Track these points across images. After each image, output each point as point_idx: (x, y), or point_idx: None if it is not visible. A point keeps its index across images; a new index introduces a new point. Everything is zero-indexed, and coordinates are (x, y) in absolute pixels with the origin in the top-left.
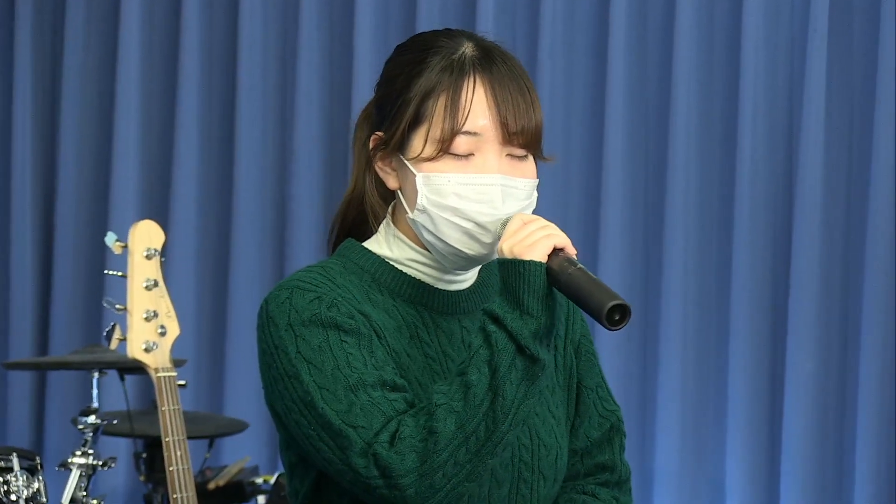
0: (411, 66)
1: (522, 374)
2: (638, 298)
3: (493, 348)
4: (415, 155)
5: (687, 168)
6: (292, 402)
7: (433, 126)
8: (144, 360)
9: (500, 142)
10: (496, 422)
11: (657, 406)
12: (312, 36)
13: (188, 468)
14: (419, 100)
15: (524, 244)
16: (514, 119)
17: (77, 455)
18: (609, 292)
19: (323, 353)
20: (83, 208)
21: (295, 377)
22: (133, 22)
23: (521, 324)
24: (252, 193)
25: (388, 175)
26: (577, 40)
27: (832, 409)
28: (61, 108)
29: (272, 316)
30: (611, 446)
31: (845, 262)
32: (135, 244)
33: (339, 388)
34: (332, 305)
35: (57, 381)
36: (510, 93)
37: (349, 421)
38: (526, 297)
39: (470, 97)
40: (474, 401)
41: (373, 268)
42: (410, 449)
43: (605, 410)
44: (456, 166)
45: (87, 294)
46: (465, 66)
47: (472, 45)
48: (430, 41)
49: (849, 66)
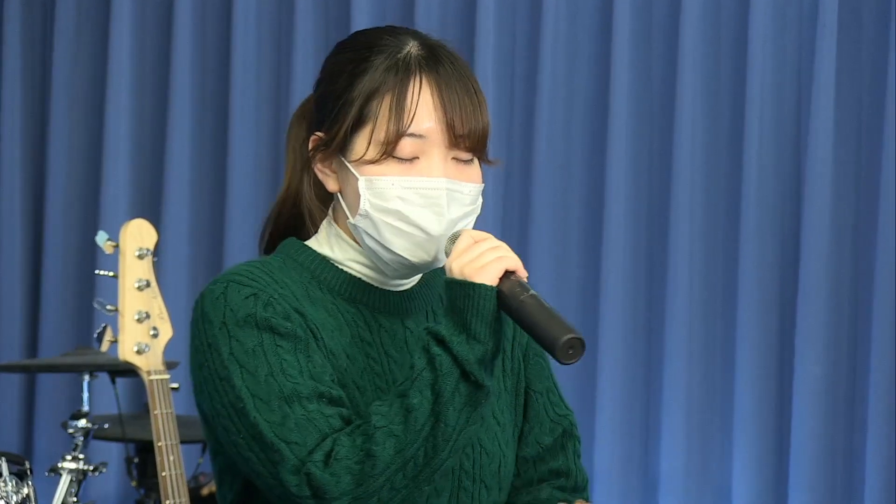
0: (354, 65)
1: (466, 399)
2: (642, 302)
3: (436, 372)
4: (357, 157)
5: (692, 169)
6: (222, 405)
7: (377, 128)
8: (136, 362)
9: (446, 145)
10: (436, 448)
11: (662, 410)
12: (308, 33)
13: (181, 473)
14: (363, 100)
15: (474, 266)
16: (461, 122)
17: (67, 460)
18: (563, 325)
19: (257, 357)
20: (73, 206)
21: (226, 380)
22: (125, 17)
23: (466, 349)
24: (246, 191)
25: (327, 177)
26: (580, 39)
27: (841, 414)
28: (51, 104)
29: (206, 312)
30: (564, 452)
31: (854, 265)
32: (126, 243)
33: (273, 398)
34: (269, 304)
35: (46, 385)
36: (457, 94)
37: (282, 435)
38: (474, 321)
39: (416, 98)
40: (415, 425)
41: (313, 265)
42: (346, 471)
43: (557, 415)
44: (400, 169)
45: (78, 295)
46: (411, 65)
47: (418, 43)
48: (373, 39)
49: (858, 64)
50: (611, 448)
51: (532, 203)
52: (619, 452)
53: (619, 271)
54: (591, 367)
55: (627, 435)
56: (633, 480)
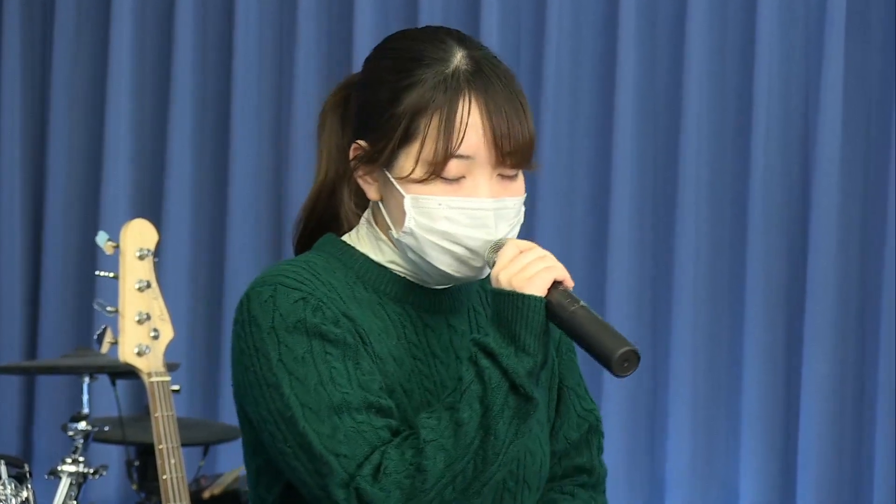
0: (398, 77)
1: (515, 412)
2: (648, 300)
3: (485, 385)
4: (403, 175)
5: (698, 167)
6: (269, 412)
7: (425, 147)
8: (137, 364)
9: (493, 164)
10: (486, 461)
11: (668, 409)
12: (310, 30)
13: (182, 476)
14: (410, 117)
15: (522, 276)
16: (509, 140)
17: (67, 463)
18: (618, 337)
19: (306, 364)
20: (73, 207)
21: (275, 387)
22: (125, 16)
23: (516, 361)
24: (248, 191)
25: (369, 186)
26: (585, 35)
27: (849, 413)
28: (51, 103)
29: (254, 315)
30: (589, 448)
31: (862, 262)
32: (127, 244)
33: (323, 408)
34: (318, 309)
35: (46, 386)
36: (505, 113)
37: (331, 447)
38: (523, 333)
39: (465, 118)
40: (465, 439)
41: (357, 265)
42: (396, 485)
43: (584, 410)
44: (447, 189)
45: (78, 296)
46: (460, 82)
47: (464, 55)
48: (417, 49)
49: (866, 60)
50: (616, 447)
51: (536, 201)
52: (625, 451)
53: (624, 269)
54: (596, 371)
55: (633, 434)
56: (639, 480)
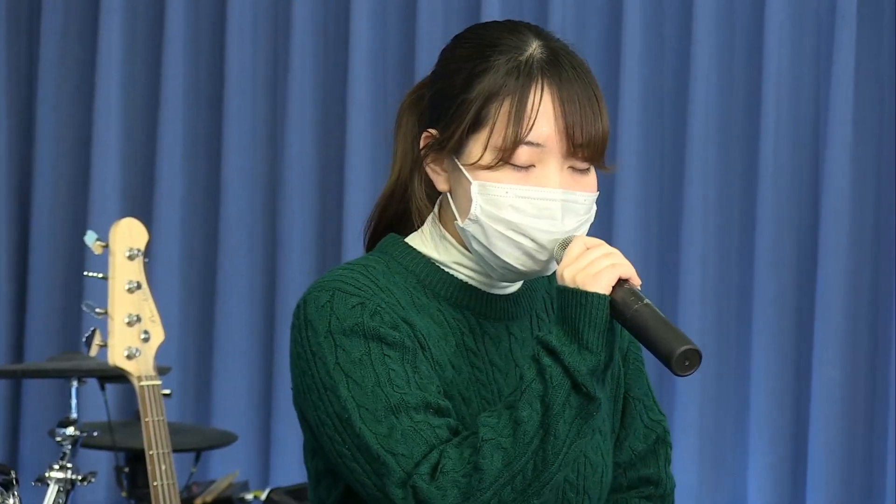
0: (473, 64)
1: (576, 412)
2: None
3: (547, 383)
4: (472, 161)
5: (706, 167)
6: (327, 415)
7: (494, 132)
8: (126, 367)
9: (564, 154)
10: (545, 462)
11: (674, 416)
12: (306, 28)
13: (173, 483)
14: (481, 102)
15: (588, 273)
16: (581, 131)
17: (55, 469)
18: (680, 335)
19: (364, 366)
20: (61, 205)
21: (332, 390)
22: (114, 10)
23: (578, 359)
24: (241, 190)
25: (438, 176)
26: (589, 32)
27: (860, 419)
28: (37, 100)
29: (311, 319)
30: (656, 459)
31: (874, 264)
32: (116, 244)
33: (380, 408)
34: (376, 313)
35: (33, 391)
36: (578, 102)
37: (389, 447)
38: (586, 330)
39: (536, 105)
40: (524, 438)
41: (418, 268)
42: (453, 484)
43: (651, 421)
44: (515, 177)
45: (66, 297)
46: (533, 70)
47: (540, 44)
48: (494, 36)
49: (878, 56)
50: None
51: None
52: None
53: None
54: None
55: None
56: None
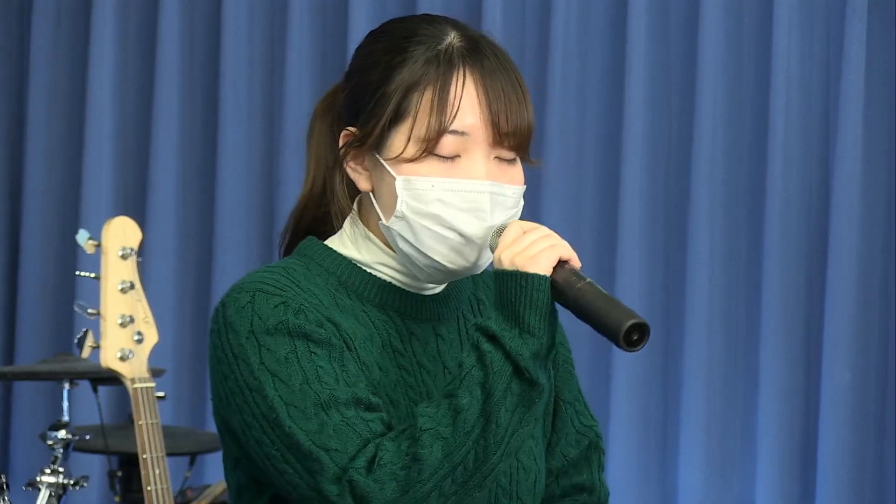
0: (391, 56)
1: (519, 398)
2: (660, 305)
3: (487, 369)
4: (394, 155)
5: (713, 166)
6: (253, 417)
7: (417, 123)
8: (120, 369)
9: (490, 143)
10: (487, 451)
11: (681, 422)
12: (303, 26)
13: (167, 488)
14: (401, 94)
15: (526, 255)
16: (507, 119)
17: (46, 473)
18: (625, 310)
19: (290, 365)
20: (52, 203)
21: (257, 391)
22: (108, 4)
23: (520, 343)
24: (236, 188)
25: (359, 175)
26: (593, 32)
27: (871, 423)
28: (28, 95)
29: (231, 322)
30: (589, 465)
31: (885, 265)
32: (109, 243)
33: (309, 406)
34: (300, 311)
35: (24, 393)
36: (502, 89)
37: (321, 443)
38: (527, 313)
39: (459, 93)
40: (464, 427)
41: (339, 270)
42: (391, 477)
43: (583, 426)
44: (440, 169)
45: (57, 297)
46: (454, 58)
47: (458, 34)
48: (410, 28)
49: (889, 48)
50: (626, 460)
51: (543, 203)
52: (636, 465)
53: (634, 274)
54: (605, 375)
55: (644, 446)
56: (650, 494)
